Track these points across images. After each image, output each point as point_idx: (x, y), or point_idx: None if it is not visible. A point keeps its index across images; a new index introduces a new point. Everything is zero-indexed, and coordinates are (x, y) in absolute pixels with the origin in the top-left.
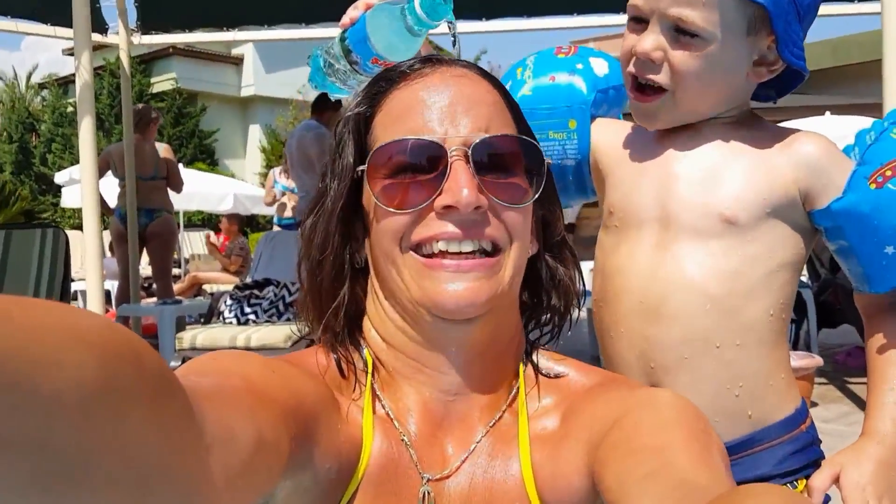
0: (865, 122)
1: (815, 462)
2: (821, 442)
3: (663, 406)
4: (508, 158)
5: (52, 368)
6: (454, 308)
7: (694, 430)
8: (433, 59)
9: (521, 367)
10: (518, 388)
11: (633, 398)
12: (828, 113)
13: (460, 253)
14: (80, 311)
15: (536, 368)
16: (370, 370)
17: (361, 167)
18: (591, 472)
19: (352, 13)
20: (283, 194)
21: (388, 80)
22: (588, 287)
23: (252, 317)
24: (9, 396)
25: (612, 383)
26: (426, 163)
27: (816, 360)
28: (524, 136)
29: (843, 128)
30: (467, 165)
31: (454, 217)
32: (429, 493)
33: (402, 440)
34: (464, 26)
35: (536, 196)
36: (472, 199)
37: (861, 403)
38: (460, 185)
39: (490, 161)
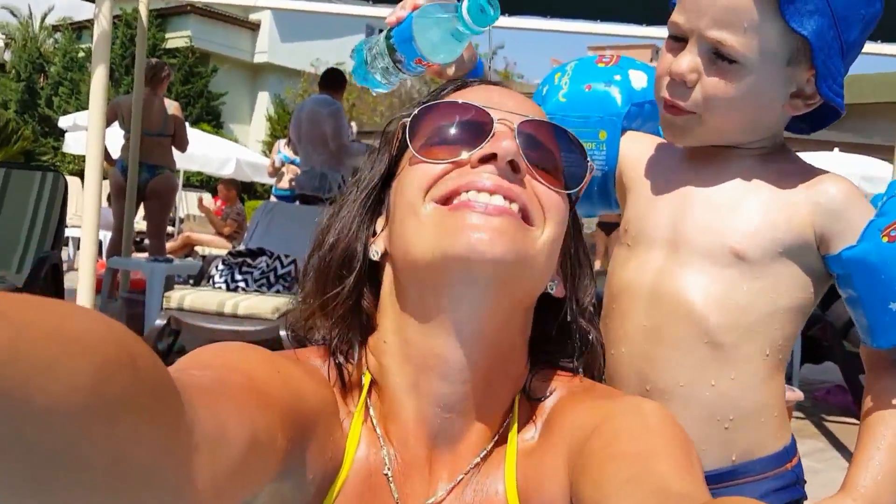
0: (873, 162)
1: (797, 501)
2: (805, 482)
3: (644, 414)
4: (551, 146)
5: (47, 375)
6: (471, 246)
7: (674, 440)
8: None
9: (517, 397)
10: (511, 417)
11: (613, 406)
12: (836, 149)
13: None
14: (77, 310)
15: (531, 398)
16: (366, 387)
17: (406, 118)
18: (570, 480)
19: (399, 13)
20: (283, 164)
21: (443, 88)
22: None
23: (242, 284)
24: (1, 402)
25: (592, 391)
26: (470, 126)
27: (797, 395)
28: (569, 131)
29: (849, 166)
30: (511, 133)
31: (489, 170)
32: None
33: (385, 474)
34: None
35: (576, 191)
36: (512, 148)
37: (836, 441)
38: (501, 138)
39: (533, 142)
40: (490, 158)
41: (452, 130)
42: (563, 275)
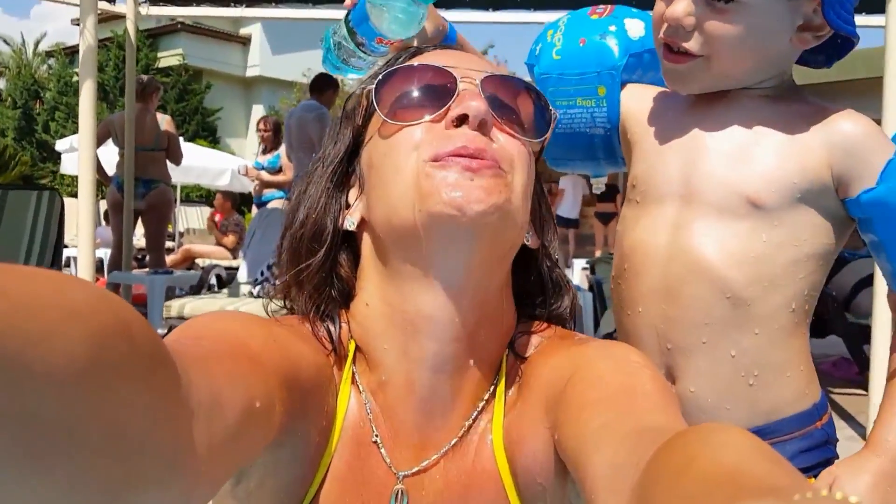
0: None
1: (827, 461)
2: (837, 441)
3: (614, 357)
4: (514, 99)
5: (45, 344)
6: (464, 202)
7: (645, 378)
8: (450, 45)
9: (505, 355)
10: (499, 376)
11: (584, 354)
12: None
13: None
14: (72, 281)
15: (517, 355)
16: (351, 353)
17: (370, 86)
18: (552, 433)
19: None
20: (247, 170)
21: (397, 58)
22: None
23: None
24: (1, 373)
25: (564, 341)
26: (435, 87)
27: None
28: (529, 83)
29: None
30: (477, 91)
31: (463, 132)
32: (402, 491)
33: (374, 441)
34: (471, 16)
35: (543, 139)
36: (482, 108)
37: (843, 413)
38: (470, 97)
39: (497, 98)
40: (463, 120)
41: (418, 93)
42: (536, 227)
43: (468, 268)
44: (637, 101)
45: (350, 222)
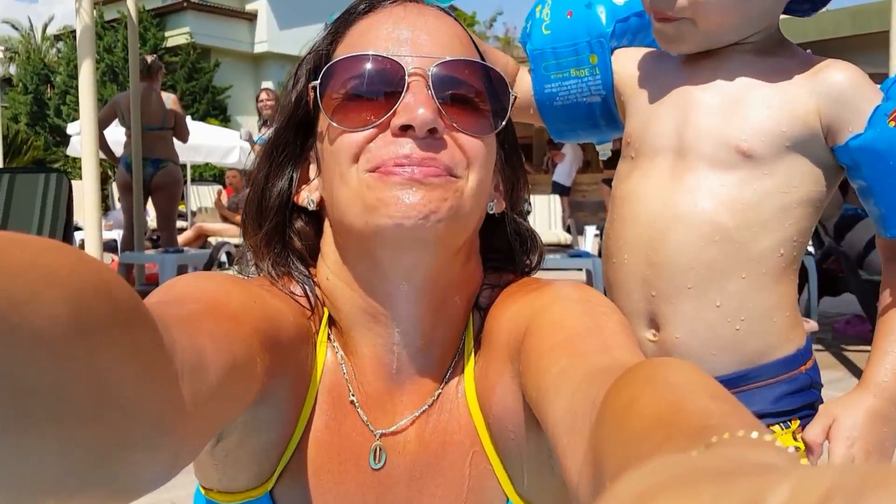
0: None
1: (812, 405)
2: (822, 386)
3: (569, 299)
4: (470, 85)
5: (29, 308)
6: (405, 215)
7: (601, 315)
8: None
9: (472, 314)
10: (466, 335)
11: (540, 300)
12: None
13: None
14: (50, 245)
15: (481, 308)
16: (326, 317)
17: (314, 82)
18: (518, 382)
19: None
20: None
21: (350, 13)
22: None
23: (252, 268)
24: None
25: (523, 288)
26: (382, 82)
27: (811, 325)
28: (488, 64)
29: None
30: (425, 86)
31: (409, 140)
32: (380, 448)
33: (351, 400)
34: None
35: (500, 127)
36: (428, 117)
37: (856, 370)
38: (417, 103)
39: (450, 85)
40: (409, 128)
41: (364, 88)
42: (503, 191)
43: (423, 268)
44: (627, 63)
45: (310, 201)
